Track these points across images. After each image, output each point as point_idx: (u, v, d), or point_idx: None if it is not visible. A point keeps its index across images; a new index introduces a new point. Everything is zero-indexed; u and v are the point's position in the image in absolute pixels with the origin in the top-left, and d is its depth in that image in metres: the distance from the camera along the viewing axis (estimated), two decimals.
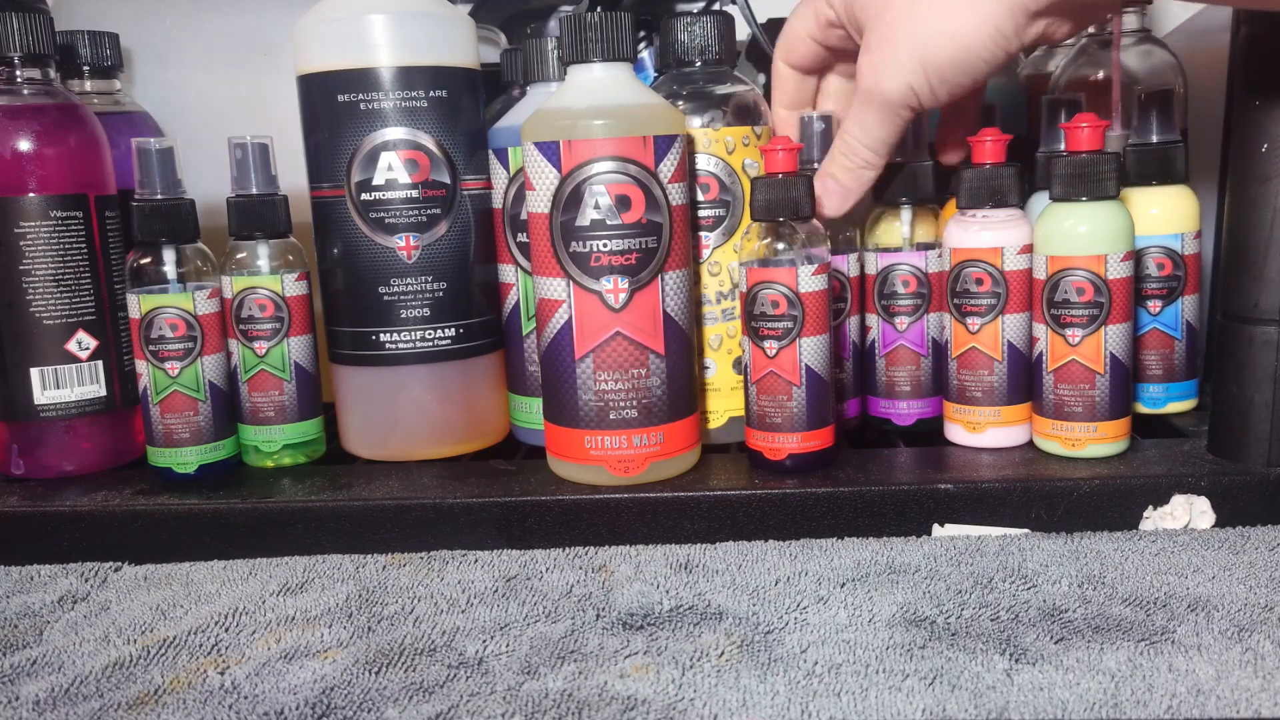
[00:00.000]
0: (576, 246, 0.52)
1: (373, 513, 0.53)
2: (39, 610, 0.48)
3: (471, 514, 0.53)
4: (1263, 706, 0.36)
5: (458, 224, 0.59)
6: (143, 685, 0.40)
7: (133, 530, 0.54)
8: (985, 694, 0.37)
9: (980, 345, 0.56)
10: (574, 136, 0.51)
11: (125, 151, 0.60)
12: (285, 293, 0.59)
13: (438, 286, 0.59)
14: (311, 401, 0.61)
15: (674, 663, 0.40)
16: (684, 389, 0.55)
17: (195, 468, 0.58)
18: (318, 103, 0.58)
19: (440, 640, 0.43)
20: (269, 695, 0.39)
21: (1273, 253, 0.51)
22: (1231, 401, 0.53)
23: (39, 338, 0.58)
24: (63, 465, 0.60)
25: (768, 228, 0.54)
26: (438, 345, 0.59)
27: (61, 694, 0.40)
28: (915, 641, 0.41)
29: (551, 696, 0.38)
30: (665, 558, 0.50)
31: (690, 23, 0.59)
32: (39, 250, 0.58)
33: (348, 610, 0.46)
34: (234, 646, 0.43)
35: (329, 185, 0.58)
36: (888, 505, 0.52)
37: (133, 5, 0.75)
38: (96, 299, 0.60)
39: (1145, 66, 0.69)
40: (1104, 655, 0.39)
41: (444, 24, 0.58)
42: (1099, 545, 0.49)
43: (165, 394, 0.57)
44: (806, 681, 0.38)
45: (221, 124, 0.64)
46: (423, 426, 0.60)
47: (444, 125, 0.58)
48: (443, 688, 0.39)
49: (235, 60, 0.75)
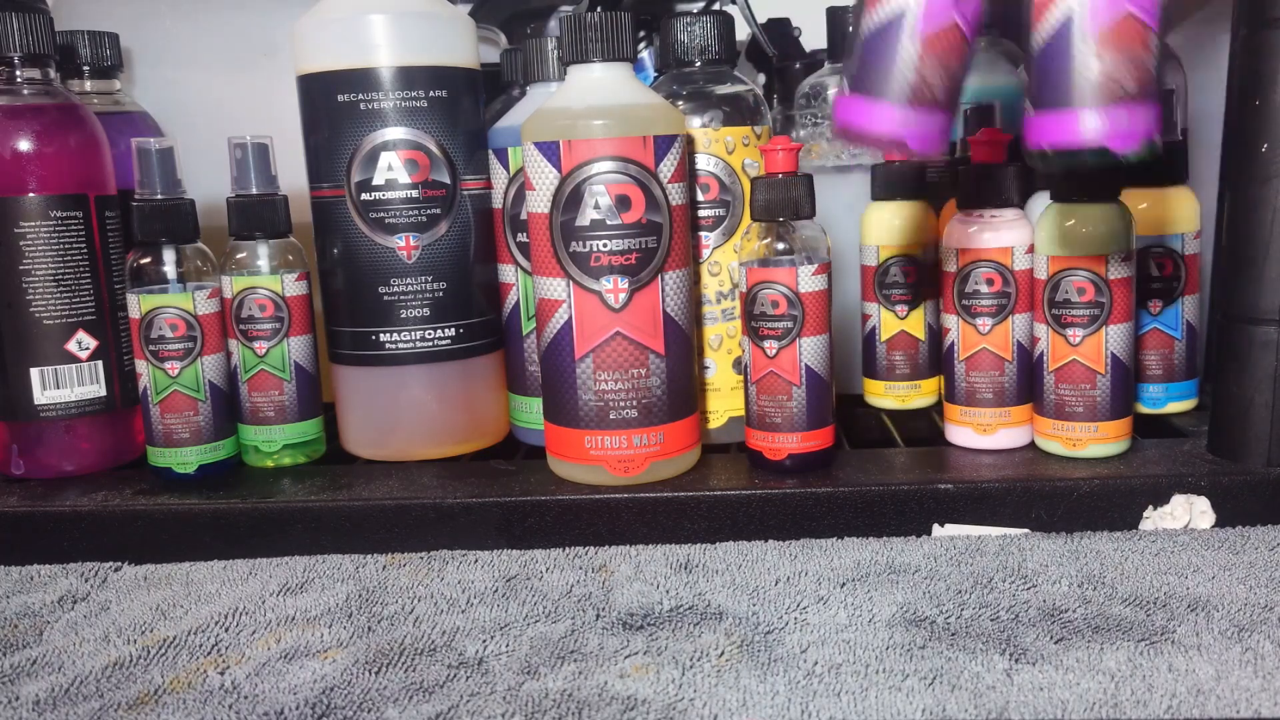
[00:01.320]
0: (576, 246, 0.52)
1: (373, 513, 0.53)
2: (39, 610, 0.48)
3: (471, 514, 0.53)
4: (1262, 706, 0.36)
5: (458, 224, 0.59)
6: (143, 685, 0.40)
7: (133, 530, 0.54)
8: (985, 694, 0.37)
9: (991, 346, 0.56)
10: (574, 136, 0.51)
11: (125, 151, 0.60)
12: (285, 293, 0.59)
13: (438, 286, 0.59)
14: (311, 401, 0.61)
15: (674, 663, 0.40)
16: (684, 389, 0.55)
17: (195, 468, 0.58)
18: (318, 102, 0.58)
19: (440, 640, 0.43)
20: (269, 695, 0.39)
21: (1273, 253, 0.51)
22: (1231, 401, 0.53)
23: (39, 338, 0.58)
24: (63, 465, 0.60)
25: (768, 228, 0.54)
26: (438, 345, 0.59)
27: (61, 694, 0.40)
28: (915, 641, 0.41)
29: (551, 696, 0.38)
30: (665, 558, 0.50)
31: (690, 23, 0.59)
32: (39, 250, 0.58)
33: (348, 610, 0.46)
34: (234, 646, 0.43)
35: (329, 185, 0.58)
36: (888, 505, 0.52)
37: (133, 5, 0.75)
38: (96, 299, 0.60)
39: None
40: (1104, 655, 0.39)
41: (444, 24, 0.58)
42: (1099, 545, 0.49)
43: (165, 394, 0.57)
44: (806, 681, 0.38)
45: (221, 124, 0.64)
46: (423, 426, 0.60)
47: (444, 125, 0.58)
48: (443, 688, 0.39)
49: (235, 60, 0.75)
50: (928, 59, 0.38)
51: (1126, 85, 0.37)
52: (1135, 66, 0.37)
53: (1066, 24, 0.38)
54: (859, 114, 0.39)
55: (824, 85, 0.73)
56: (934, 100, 0.39)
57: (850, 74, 0.40)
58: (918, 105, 0.39)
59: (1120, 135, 0.38)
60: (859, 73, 0.39)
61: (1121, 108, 0.37)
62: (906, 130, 0.39)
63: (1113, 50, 0.37)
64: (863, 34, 0.39)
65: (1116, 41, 0.37)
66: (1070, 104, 0.38)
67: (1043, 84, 0.39)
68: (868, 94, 0.39)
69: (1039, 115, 0.39)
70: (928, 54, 0.38)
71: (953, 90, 0.39)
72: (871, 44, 0.39)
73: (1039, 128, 0.39)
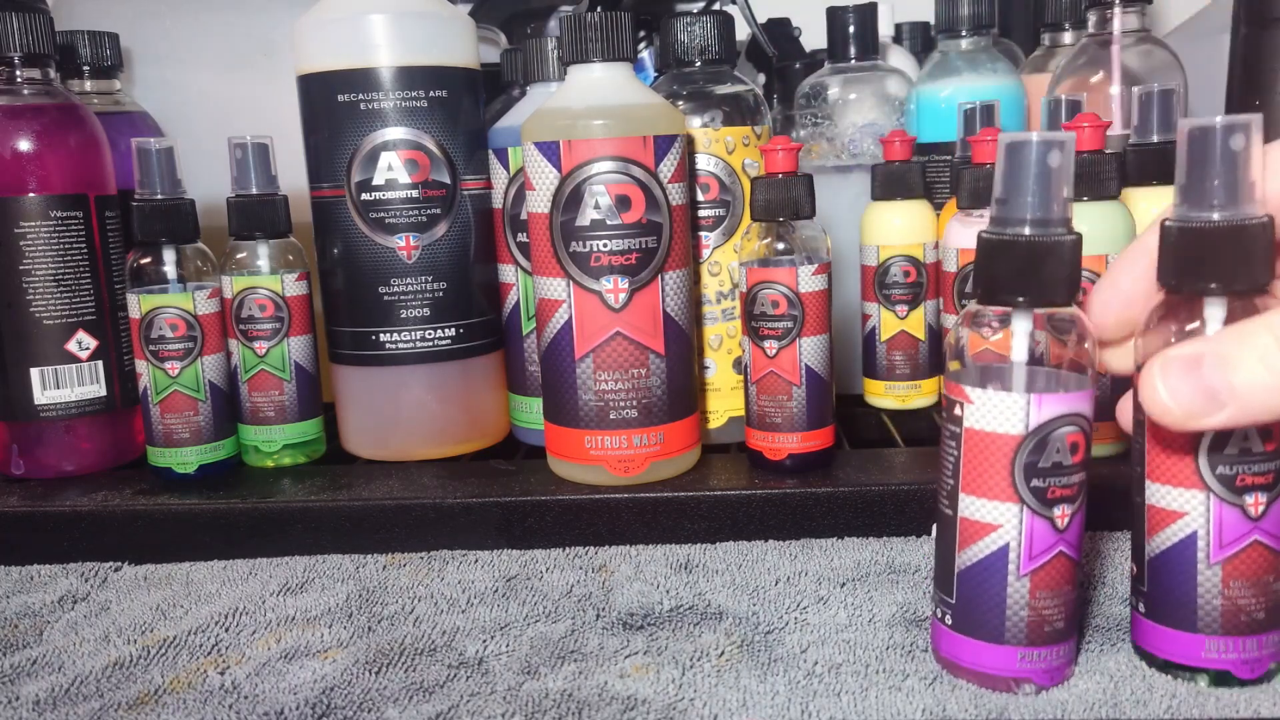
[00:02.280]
0: (576, 246, 0.52)
1: (373, 513, 0.53)
2: (39, 610, 0.48)
3: (471, 514, 0.53)
4: (1262, 707, 0.36)
5: (458, 224, 0.59)
6: (143, 685, 0.40)
7: (133, 530, 0.54)
8: (985, 695, 0.37)
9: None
10: (574, 136, 0.51)
11: (125, 151, 0.60)
12: (285, 293, 0.59)
13: (438, 286, 0.59)
14: (311, 401, 0.61)
15: (674, 662, 0.40)
16: (684, 389, 0.55)
17: (195, 468, 0.58)
18: (317, 103, 0.58)
19: (440, 640, 0.43)
20: (269, 695, 0.39)
21: None
22: None
23: (39, 338, 0.58)
24: (63, 465, 0.60)
25: (768, 228, 0.54)
26: (438, 345, 0.59)
27: (62, 694, 0.40)
28: (915, 642, 0.41)
29: (552, 696, 0.38)
30: (665, 558, 0.50)
31: (690, 23, 0.59)
32: (39, 250, 0.58)
33: (348, 610, 0.46)
34: (234, 646, 0.43)
35: (329, 185, 0.58)
36: (888, 505, 0.52)
37: (133, 5, 0.75)
38: (96, 299, 0.60)
39: (1145, 66, 0.69)
40: (1104, 655, 0.39)
41: (444, 24, 0.58)
42: (1099, 545, 0.49)
43: (165, 394, 0.57)
44: (806, 681, 0.38)
45: (222, 124, 0.64)
46: (423, 426, 0.60)
47: (444, 125, 0.58)
48: (443, 688, 0.39)
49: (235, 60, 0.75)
50: (1040, 594, 0.36)
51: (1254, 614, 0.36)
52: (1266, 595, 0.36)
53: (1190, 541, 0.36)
54: (968, 653, 0.37)
55: (824, 85, 0.73)
56: (1055, 633, 0.36)
57: (946, 607, 0.38)
58: (1038, 644, 0.36)
59: (1248, 664, 0.36)
60: (960, 611, 0.37)
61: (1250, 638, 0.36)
62: (1030, 668, 0.36)
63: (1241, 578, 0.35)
64: (957, 569, 0.37)
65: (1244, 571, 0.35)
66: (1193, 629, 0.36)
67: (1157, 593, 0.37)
68: (974, 636, 0.37)
69: (1154, 624, 0.37)
70: (1039, 589, 0.36)
71: (1071, 616, 0.37)
72: (971, 582, 0.36)
73: (1153, 636, 0.37)
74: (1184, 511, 0.36)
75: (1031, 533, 0.35)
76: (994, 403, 0.35)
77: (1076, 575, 0.37)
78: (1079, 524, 0.36)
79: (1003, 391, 0.35)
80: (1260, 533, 0.35)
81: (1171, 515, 0.36)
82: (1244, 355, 0.31)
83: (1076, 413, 0.35)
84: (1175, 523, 0.36)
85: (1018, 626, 0.36)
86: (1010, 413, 0.35)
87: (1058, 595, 0.36)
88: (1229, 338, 0.32)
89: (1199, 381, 0.32)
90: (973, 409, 0.36)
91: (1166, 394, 0.32)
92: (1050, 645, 0.37)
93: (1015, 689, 0.37)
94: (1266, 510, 0.35)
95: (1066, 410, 0.35)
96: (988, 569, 0.36)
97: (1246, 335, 0.32)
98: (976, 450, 0.36)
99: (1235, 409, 0.31)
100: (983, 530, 0.36)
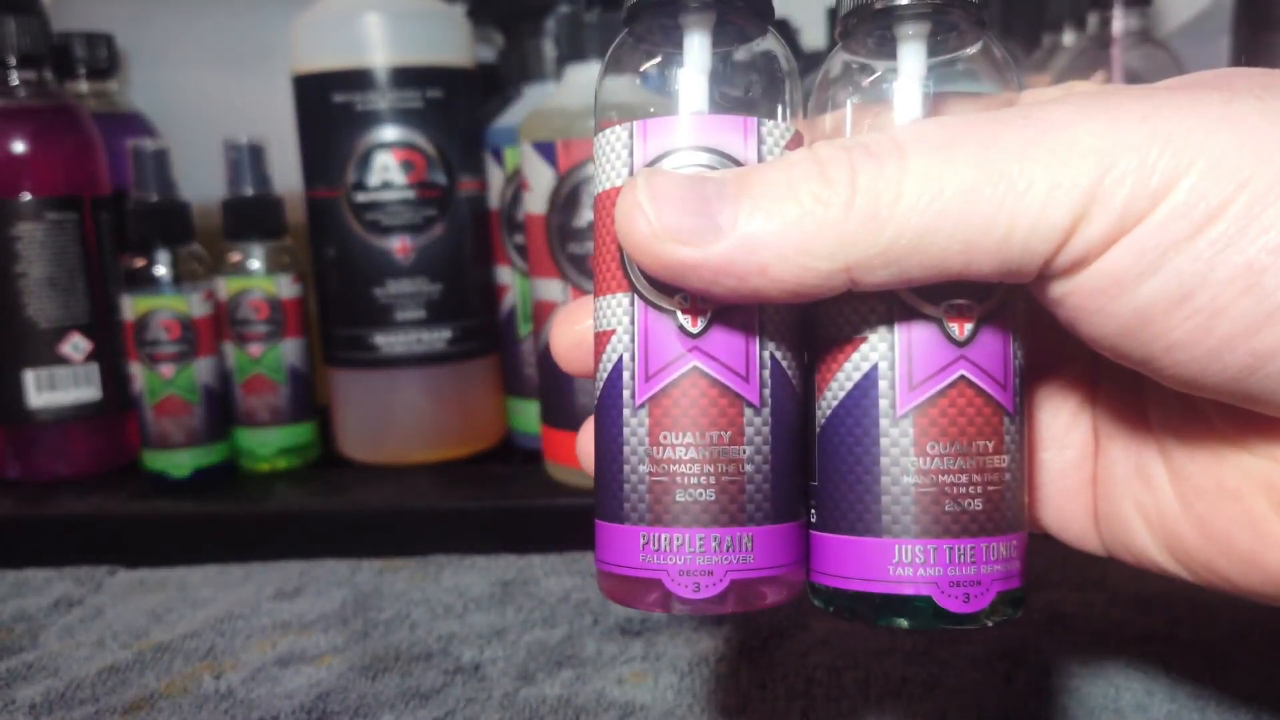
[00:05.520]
0: (574, 248, 0.52)
1: (368, 517, 0.53)
2: (33, 614, 0.48)
3: (468, 518, 0.53)
4: (1262, 708, 0.35)
5: (453, 225, 0.59)
6: (138, 690, 0.40)
7: (127, 534, 0.54)
8: (985, 699, 0.37)
9: None
10: (571, 137, 0.51)
11: (120, 153, 0.60)
12: (280, 295, 0.59)
13: (433, 288, 0.59)
14: (306, 404, 0.60)
15: (672, 669, 0.40)
16: None
17: (189, 471, 0.57)
18: (313, 103, 0.57)
19: (436, 646, 0.43)
20: (264, 701, 0.39)
21: None
22: None
23: (33, 340, 0.58)
24: (57, 468, 0.59)
25: None
26: (433, 347, 0.59)
27: (56, 698, 0.40)
28: (915, 646, 0.41)
29: (549, 703, 0.38)
30: None
31: None
32: (33, 252, 0.58)
33: (343, 615, 0.46)
34: (229, 651, 0.43)
35: (324, 186, 0.58)
36: None
37: (128, 6, 0.74)
38: (91, 301, 0.60)
39: (1145, 66, 0.69)
40: (1104, 658, 0.39)
41: (439, 24, 0.58)
42: None
43: (159, 397, 0.57)
44: (806, 687, 0.38)
45: (216, 125, 0.64)
46: (418, 429, 0.60)
47: (440, 126, 0.58)
48: (439, 694, 0.39)
49: (230, 61, 0.75)
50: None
51: (968, 504, 0.23)
52: (982, 473, 0.23)
53: (869, 381, 0.24)
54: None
55: None
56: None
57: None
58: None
59: (959, 587, 0.23)
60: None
61: (964, 542, 0.23)
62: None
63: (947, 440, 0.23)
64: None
65: (951, 426, 0.23)
66: (877, 531, 0.23)
67: (828, 488, 0.24)
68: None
69: (824, 536, 0.24)
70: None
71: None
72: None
73: (823, 555, 0.24)
74: (862, 338, 0.24)
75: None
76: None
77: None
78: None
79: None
80: (967, 365, 0.23)
81: (849, 347, 0.24)
82: (772, 177, 0.22)
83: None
84: (851, 356, 0.24)
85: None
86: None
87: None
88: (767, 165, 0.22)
89: (697, 190, 0.22)
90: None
91: (648, 199, 0.22)
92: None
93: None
94: (974, 335, 0.23)
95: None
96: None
97: (788, 162, 0.22)
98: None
99: (735, 242, 0.21)
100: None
